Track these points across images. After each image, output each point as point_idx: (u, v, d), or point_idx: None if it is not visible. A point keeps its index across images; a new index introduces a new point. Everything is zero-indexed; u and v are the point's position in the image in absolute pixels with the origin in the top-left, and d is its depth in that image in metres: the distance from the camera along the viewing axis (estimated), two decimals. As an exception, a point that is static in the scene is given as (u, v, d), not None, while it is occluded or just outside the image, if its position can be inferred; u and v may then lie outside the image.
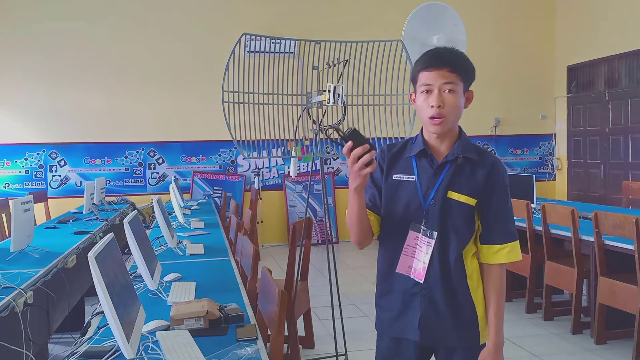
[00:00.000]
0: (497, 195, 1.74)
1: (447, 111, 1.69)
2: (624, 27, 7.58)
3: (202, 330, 2.01)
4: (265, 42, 3.74)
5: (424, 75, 1.71)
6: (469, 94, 1.76)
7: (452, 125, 1.74)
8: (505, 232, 1.74)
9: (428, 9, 3.82)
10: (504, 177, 1.76)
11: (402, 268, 1.77)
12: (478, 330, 1.76)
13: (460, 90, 1.71)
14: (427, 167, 1.76)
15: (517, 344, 4.07)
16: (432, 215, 1.72)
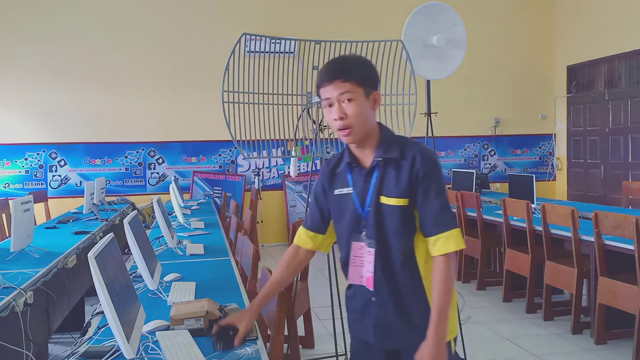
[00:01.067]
0: (422, 187, 1.68)
1: (351, 121, 1.67)
2: (624, 27, 7.58)
3: (202, 330, 2.01)
4: (265, 42, 3.73)
5: (323, 91, 1.71)
6: (375, 95, 1.71)
7: (364, 132, 1.70)
8: (437, 223, 1.66)
9: (428, 9, 3.82)
10: (428, 166, 1.69)
11: (354, 278, 1.80)
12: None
13: (361, 96, 1.67)
14: (359, 177, 1.76)
15: (517, 344, 4.07)
16: (370, 223, 1.73)
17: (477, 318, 4.66)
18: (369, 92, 1.69)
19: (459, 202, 5.70)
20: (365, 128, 1.70)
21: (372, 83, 1.70)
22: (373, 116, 1.73)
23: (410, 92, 3.66)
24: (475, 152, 8.87)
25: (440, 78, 3.98)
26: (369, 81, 1.69)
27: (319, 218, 1.90)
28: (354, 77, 1.66)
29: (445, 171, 8.23)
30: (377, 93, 1.70)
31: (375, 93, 1.70)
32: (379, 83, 1.74)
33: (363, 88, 1.67)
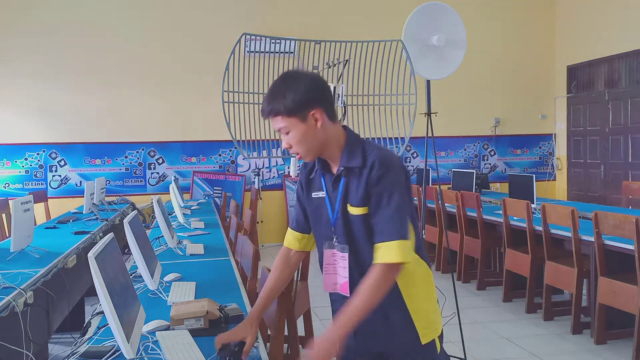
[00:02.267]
0: (374, 193, 1.65)
1: (296, 148, 1.69)
2: (624, 27, 7.58)
3: (202, 330, 2.01)
4: (265, 42, 3.73)
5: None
6: (315, 114, 1.66)
7: (316, 151, 1.71)
8: (382, 231, 1.62)
9: (428, 9, 3.82)
10: (382, 173, 1.64)
11: (328, 286, 1.82)
12: (416, 331, 1.74)
13: (296, 124, 1.65)
14: (329, 182, 1.76)
15: (517, 344, 4.07)
16: (340, 230, 1.73)
17: (477, 318, 4.66)
18: (303, 116, 1.66)
19: (459, 202, 5.70)
20: (315, 147, 1.70)
21: (305, 105, 1.65)
22: (324, 131, 1.68)
23: (410, 92, 3.66)
24: (475, 152, 8.87)
25: (440, 78, 3.98)
26: (299, 107, 1.64)
27: (303, 218, 1.91)
28: (281, 111, 1.65)
29: (445, 171, 8.24)
30: (315, 111, 1.65)
31: (312, 113, 1.65)
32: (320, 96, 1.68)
33: (296, 116, 1.65)
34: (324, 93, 1.70)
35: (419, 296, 1.77)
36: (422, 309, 1.76)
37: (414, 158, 8.70)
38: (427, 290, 1.81)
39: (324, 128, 1.68)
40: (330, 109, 1.71)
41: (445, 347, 1.87)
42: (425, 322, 1.76)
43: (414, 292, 1.75)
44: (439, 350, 1.80)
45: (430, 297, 1.81)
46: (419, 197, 6.51)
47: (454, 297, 3.80)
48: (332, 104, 1.74)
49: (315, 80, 1.71)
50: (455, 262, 5.92)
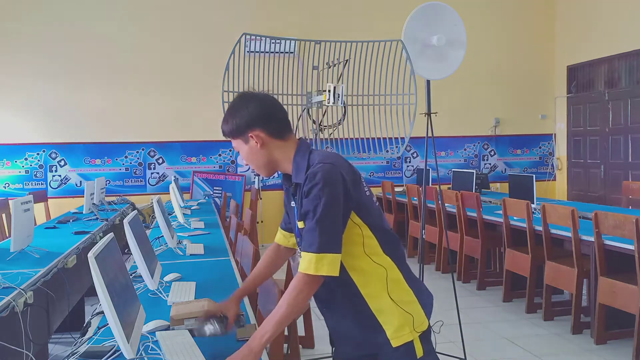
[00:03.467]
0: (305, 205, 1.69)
1: (251, 165, 1.86)
2: (624, 27, 7.58)
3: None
4: (265, 42, 3.74)
5: None
6: (252, 134, 1.78)
7: (267, 167, 1.83)
8: (304, 240, 1.67)
9: (428, 9, 3.82)
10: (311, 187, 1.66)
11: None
12: (386, 335, 1.74)
13: (240, 145, 1.82)
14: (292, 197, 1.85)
15: (517, 344, 4.07)
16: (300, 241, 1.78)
17: (477, 318, 4.66)
18: (245, 137, 1.80)
19: (459, 202, 5.70)
20: (262, 165, 1.83)
21: (244, 126, 1.79)
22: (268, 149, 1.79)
23: (410, 92, 3.66)
24: (475, 152, 8.87)
25: (440, 78, 3.98)
26: (238, 129, 1.80)
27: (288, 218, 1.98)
28: (227, 133, 1.85)
29: (445, 171, 8.24)
30: (253, 131, 1.77)
31: (251, 133, 1.78)
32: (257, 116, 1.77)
33: (239, 138, 1.81)
34: (267, 115, 1.79)
35: (381, 296, 1.74)
36: (387, 310, 1.74)
37: (414, 158, 8.70)
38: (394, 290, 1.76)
39: (266, 147, 1.79)
40: (275, 129, 1.79)
41: (445, 347, 1.86)
42: (395, 323, 1.74)
43: (374, 292, 1.74)
44: (419, 354, 1.75)
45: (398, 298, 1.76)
46: (419, 197, 6.51)
47: (454, 297, 3.81)
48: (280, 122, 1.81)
49: (259, 103, 1.81)
50: (455, 262, 5.92)
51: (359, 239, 1.73)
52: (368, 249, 1.74)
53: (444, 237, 5.20)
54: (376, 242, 1.75)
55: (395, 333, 1.74)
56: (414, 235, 6.88)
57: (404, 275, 1.79)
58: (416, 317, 1.77)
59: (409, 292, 1.78)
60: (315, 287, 1.68)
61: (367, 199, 1.76)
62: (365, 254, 1.74)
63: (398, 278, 1.77)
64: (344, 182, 1.68)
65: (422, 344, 1.76)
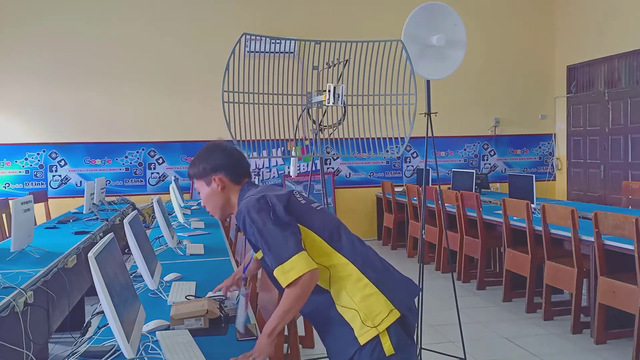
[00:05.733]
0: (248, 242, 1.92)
1: (206, 206, 2.07)
2: (624, 27, 7.57)
3: (202, 330, 2.02)
4: (265, 42, 3.74)
5: None
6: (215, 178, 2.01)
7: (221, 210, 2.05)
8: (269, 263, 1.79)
9: (428, 9, 3.81)
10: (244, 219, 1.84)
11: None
12: (354, 334, 1.77)
13: (202, 186, 2.04)
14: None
15: (517, 344, 4.07)
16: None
17: (477, 318, 4.66)
18: (208, 180, 2.02)
19: (458, 202, 5.71)
20: (219, 207, 2.04)
21: (208, 171, 2.01)
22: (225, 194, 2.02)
23: (410, 92, 3.66)
24: (475, 152, 8.87)
25: (440, 78, 3.97)
26: (203, 172, 2.02)
27: None
28: (192, 176, 2.07)
29: (445, 171, 8.24)
30: (215, 176, 2.00)
31: (214, 177, 2.01)
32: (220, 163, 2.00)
33: (202, 180, 2.03)
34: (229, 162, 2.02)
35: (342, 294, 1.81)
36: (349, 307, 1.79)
37: (414, 158, 8.70)
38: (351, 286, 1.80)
39: (225, 191, 2.01)
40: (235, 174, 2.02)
41: (445, 347, 1.86)
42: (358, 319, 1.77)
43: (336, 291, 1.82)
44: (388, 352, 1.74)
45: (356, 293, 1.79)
46: (419, 197, 6.51)
47: (454, 297, 3.81)
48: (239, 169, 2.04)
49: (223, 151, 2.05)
50: (455, 262, 5.92)
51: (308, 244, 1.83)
52: (318, 250, 1.83)
53: (444, 237, 5.20)
54: (323, 242, 1.85)
55: (360, 329, 1.76)
56: (414, 235, 6.88)
57: (360, 269, 1.82)
58: (379, 310, 1.76)
59: (367, 285, 1.80)
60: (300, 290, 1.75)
61: (303, 206, 1.90)
62: (318, 256, 1.82)
63: (352, 273, 1.81)
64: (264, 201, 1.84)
65: (391, 339, 1.75)
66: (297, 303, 1.77)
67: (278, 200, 1.84)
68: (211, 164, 2.01)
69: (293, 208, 1.86)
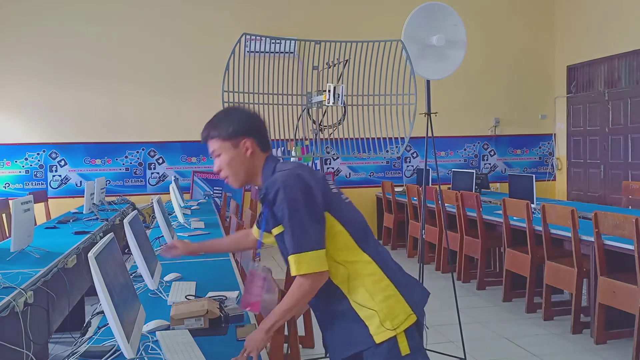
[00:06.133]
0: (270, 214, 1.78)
1: (225, 172, 1.89)
2: (624, 27, 7.57)
3: (202, 330, 2.02)
4: (265, 42, 3.74)
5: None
6: (245, 143, 1.85)
7: (243, 177, 1.89)
8: (287, 246, 1.74)
9: (428, 9, 3.82)
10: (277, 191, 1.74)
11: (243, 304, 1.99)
12: (368, 332, 1.75)
13: (227, 149, 1.86)
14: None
15: (517, 344, 4.07)
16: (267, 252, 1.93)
17: (477, 318, 4.66)
18: (236, 142, 1.85)
19: (458, 202, 5.71)
20: (242, 174, 1.88)
21: (238, 133, 1.85)
22: (252, 160, 1.86)
23: (410, 92, 3.66)
24: (475, 152, 8.87)
25: (440, 78, 3.98)
26: (234, 133, 1.85)
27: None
28: (214, 136, 1.88)
29: (445, 171, 8.24)
30: (246, 140, 1.85)
31: (244, 141, 1.85)
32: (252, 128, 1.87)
33: (228, 141, 1.86)
34: (258, 126, 1.90)
35: (360, 292, 1.76)
36: (367, 306, 1.75)
37: (414, 158, 8.70)
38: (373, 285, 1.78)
39: (253, 157, 1.86)
40: (263, 141, 1.89)
41: (445, 346, 1.86)
42: (376, 318, 1.74)
43: (354, 288, 1.77)
44: (404, 352, 1.74)
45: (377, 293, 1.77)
46: (419, 197, 6.51)
47: (454, 297, 3.81)
48: (266, 136, 1.91)
49: (251, 114, 1.92)
50: (455, 262, 5.92)
51: (333, 236, 1.77)
52: (343, 245, 1.78)
53: (444, 237, 5.20)
54: (350, 238, 1.79)
55: (377, 329, 1.74)
56: (414, 235, 6.88)
57: (383, 269, 1.80)
58: (399, 312, 1.76)
59: (389, 287, 1.79)
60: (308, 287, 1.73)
61: (334, 196, 1.83)
62: (340, 250, 1.78)
63: (375, 272, 1.79)
64: (304, 182, 1.74)
65: (407, 340, 1.75)
66: (302, 300, 1.74)
67: (316, 185, 1.76)
68: (241, 126, 1.86)
69: (325, 196, 1.79)
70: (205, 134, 1.93)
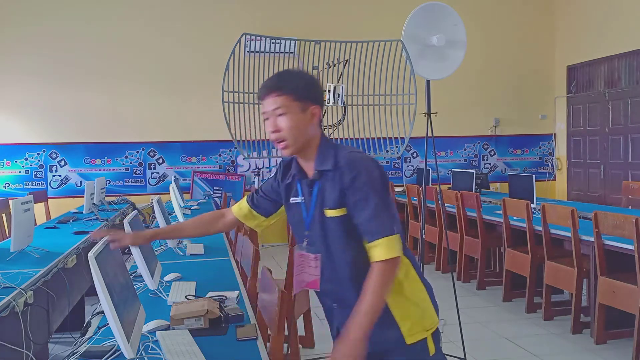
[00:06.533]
0: (353, 195, 1.67)
1: (284, 134, 1.71)
2: (624, 27, 7.58)
3: (202, 330, 2.02)
4: (265, 42, 3.74)
5: (261, 106, 1.78)
6: (314, 109, 1.74)
7: (301, 145, 1.73)
8: (369, 230, 1.66)
9: (428, 9, 3.82)
10: (355, 172, 1.66)
11: (298, 286, 1.84)
12: (400, 332, 1.74)
13: (295, 110, 1.70)
14: (305, 187, 1.80)
15: (517, 344, 4.07)
16: (313, 233, 1.77)
17: (477, 318, 4.66)
18: (305, 106, 1.71)
19: (458, 202, 5.70)
20: (301, 141, 1.73)
21: (310, 97, 1.73)
22: (313, 129, 1.75)
23: (410, 92, 3.66)
24: (475, 152, 8.88)
25: (440, 78, 3.98)
26: (306, 96, 1.72)
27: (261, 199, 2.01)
28: (289, 91, 1.70)
29: (445, 171, 8.24)
30: (315, 107, 1.73)
31: (313, 107, 1.73)
32: (321, 97, 1.78)
33: (300, 102, 1.71)
34: (322, 97, 1.80)
35: (398, 292, 1.74)
36: (404, 306, 1.75)
37: (414, 158, 8.70)
38: (411, 286, 1.78)
39: (314, 126, 1.74)
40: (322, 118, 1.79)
41: (445, 346, 1.87)
42: (410, 320, 1.75)
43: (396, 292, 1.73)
44: (431, 352, 1.77)
45: (414, 294, 1.78)
46: (419, 197, 6.51)
47: (454, 297, 3.81)
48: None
49: (319, 83, 1.81)
50: (455, 262, 5.92)
51: None
52: None
53: (444, 237, 5.20)
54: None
55: (410, 330, 1.75)
56: (414, 235, 6.88)
57: (417, 272, 1.81)
58: (429, 315, 1.80)
59: (422, 289, 1.80)
60: (395, 270, 1.66)
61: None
62: None
63: (413, 274, 1.79)
64: (382, 168, 1.71)
65: (434, 341, 1.79)
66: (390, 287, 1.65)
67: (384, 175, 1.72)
68: (313, 92, 1.75)
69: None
70: (274, 86, 1.73)
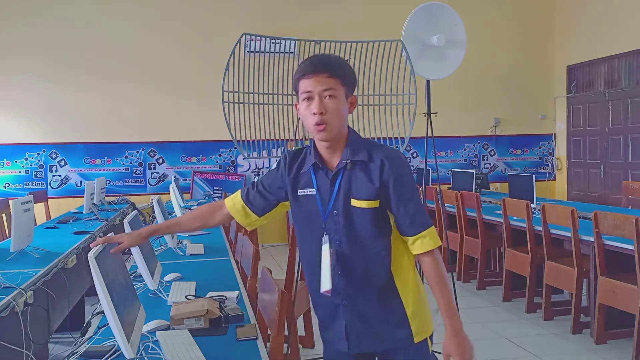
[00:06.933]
0: (394, 190, 1.68)
1: (329, 117, 1.65)
2: (624, 27, 7.58)
3: (202, 330, 2.02)
4: (265, 42, 3.74)
5: (304, 83, 1.67)
6: (353, 99, 1.73)
7: (338, 131, 1.70)
8: (414, 224, 1.69)
9: (428, 9, 3.82)
10: (399, 169, 1.69)
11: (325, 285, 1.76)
12: (410, 330, 1.75)
13: (342, 96, 1.67)
14: (324, 178, 1.74)
15: (517, 344, 4.07)
16: (333, 226, 1.72)
17: (477, 318, 4.66)
18: (348, 93, 1.70)
19: (458, 202, 5.70)
20: (339, 127, 1.70)
21: (352, 86, 1.73)
22: (347, 118, 1.74)
23: (410, 92, 3.66)
24: (475, 152, 8.88)
25: (440, 78, 3.98)
26: (351, 84, 1.71)
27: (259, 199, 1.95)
28: (340, 75, 1.67)
29: (445, 171, 8.24)
30: (353, 97, 1.73)
31: (352, 97, 1.73)
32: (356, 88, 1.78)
33: (345, 88, 1.69)
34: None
35: (412, 292, 1.78)
36: (415, 306, 1.77)
37: (414, 158, 8.70)
38: (420, 287, 1.83)
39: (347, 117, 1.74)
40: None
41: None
42: (419, 320, 1.78)
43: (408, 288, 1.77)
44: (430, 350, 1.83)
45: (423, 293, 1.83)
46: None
47: (454, 297, 3.80)
48: None
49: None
50: (455, 262, 5.92)
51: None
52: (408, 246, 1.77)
53: (444, 237, 5.20)
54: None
55: (418, 329, 1.77)
56: (414, 235, 6.88)
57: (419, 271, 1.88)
58: (429, 315, 1.84)
59: (425, 289, 1.84)
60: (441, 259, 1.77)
61: None
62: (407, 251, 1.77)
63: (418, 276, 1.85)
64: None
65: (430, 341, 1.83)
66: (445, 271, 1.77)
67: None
68: (356, 83, 1.77)
69: None
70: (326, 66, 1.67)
